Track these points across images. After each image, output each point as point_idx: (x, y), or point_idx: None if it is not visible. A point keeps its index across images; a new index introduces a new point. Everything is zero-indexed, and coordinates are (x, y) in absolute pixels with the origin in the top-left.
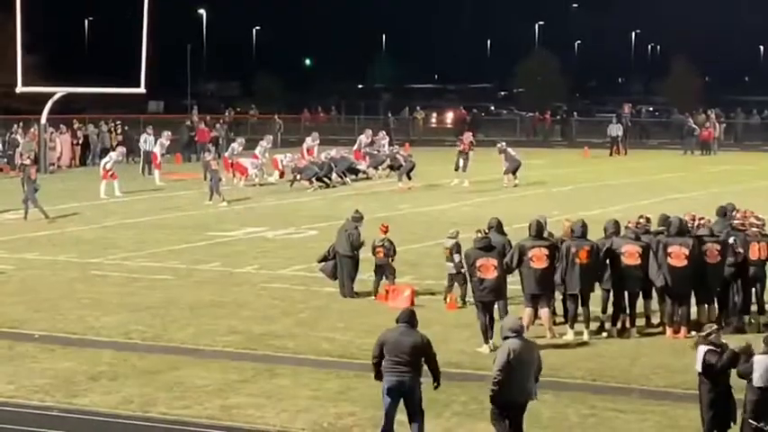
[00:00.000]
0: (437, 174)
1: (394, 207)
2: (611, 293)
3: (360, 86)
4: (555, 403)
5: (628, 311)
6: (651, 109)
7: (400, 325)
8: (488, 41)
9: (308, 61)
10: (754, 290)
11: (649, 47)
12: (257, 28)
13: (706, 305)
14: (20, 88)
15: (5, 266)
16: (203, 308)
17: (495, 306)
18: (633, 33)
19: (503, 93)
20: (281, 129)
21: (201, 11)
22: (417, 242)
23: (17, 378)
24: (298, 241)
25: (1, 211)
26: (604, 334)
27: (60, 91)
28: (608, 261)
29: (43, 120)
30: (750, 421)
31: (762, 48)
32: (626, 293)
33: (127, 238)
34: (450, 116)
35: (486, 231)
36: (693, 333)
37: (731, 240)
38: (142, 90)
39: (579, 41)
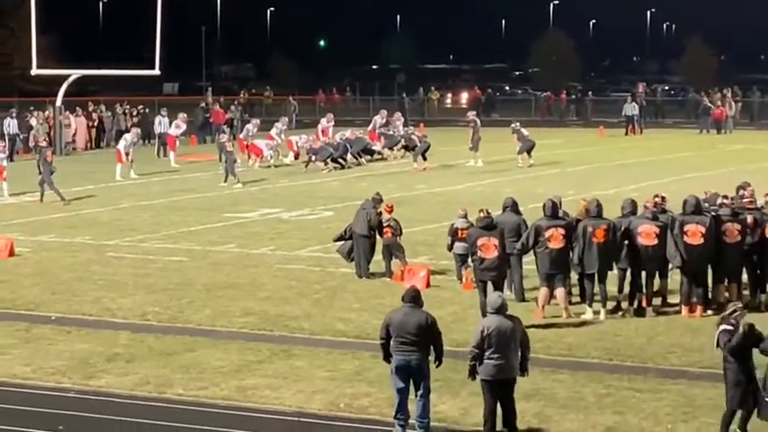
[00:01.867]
0: (452, 154)
1: (410, 187)
2: (628, 273)
3: (374, 67)
4: (571, 383)
5: (644, 291)
6: (666, 88)
7: (405, 305)
8: (503, 21)
9: (322, 42)
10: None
11: (664, 26)
12: (271, 9)
13: (724, 284)
14: (34, 71)
15: (22, 249)
16: (219, 289)
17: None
18: (648, 12)
19: (517, 72)
20: (295, 110)
21: None
22: (433, 222)
23: (34, 360)
24: (313, 222)
25: (17, 193)
26: (621, 313)
27: (75, 73)
28: (625, 241)
29: (58, 102)
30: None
31: None
32: (642, 273)
33: (142, 220)
34: (464, 96)
35: (489, 211)
36: (709, 312)
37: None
38: (157, 72)
39: (594, 21)
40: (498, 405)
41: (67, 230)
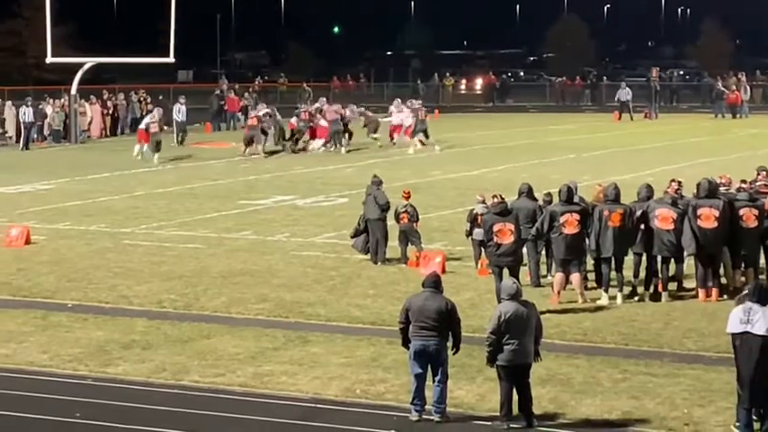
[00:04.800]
0: (467, 140)
1: (424, 173)
2: (644, 257)
3: (389, 53)
4: (588, 367)
5: (660, 275)
6: (681, 73)
7: (425, 290)
8: (517, 6)
9: (336, 29)
10: None
11: (679, 10)
12: None
13: (741, 270)
14: (49, 59)
15: (38, 237)
16: (235, 276)
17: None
18: None
19: (532, 58)
20: (310, 97)
21: None
22: (448, 208)
23: (51, 347)
24: (328, 209)
25: (33, 181)
26: (636, 298)
27: (90, 61)
28: (641, 225)
29: (73, 90)
30: None
31: None
32: (658, 258)
33: (158, 208)
34: (479, 82)
35: (502, 196)
36: (725, 297)
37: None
38: (171, 59)
39: (608, 5)
40: (514, 390)
41: (83, 218)
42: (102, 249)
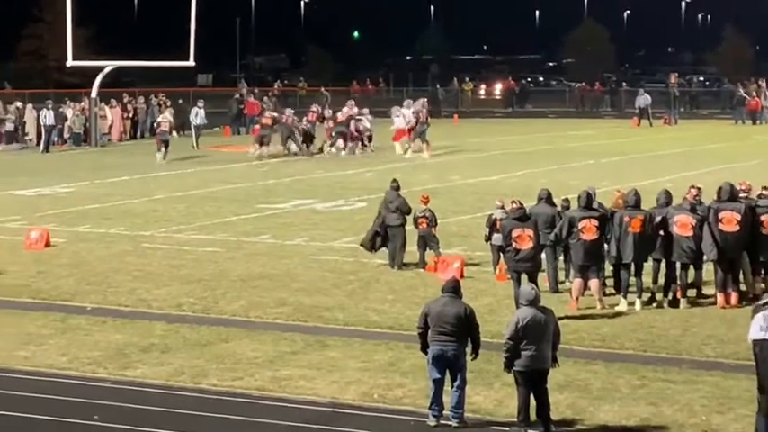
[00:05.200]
0: (486, 145)
1: (444, 178)
2: (663, 264)
3: (408, 58)
4: (606, 373)
5: (679, 282)
6: (701, 79)
7: (445, 295)
8: (537, 12)
9: (356, 33)
10: None
11: (699, 16)
12: (305, 0)
13: (760, 276)
14: (70, 62)
15: (58, 239)
16: (253, 280)
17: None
18: (683, 2)
19: (551, 63)
20: (328, 101)
21: None
22: (467, 213)
23: (70, 350)
24: (347, 213)
25: (53, 184)
26: (655, 304)
27: (110, 65)
28: (660, 231)
29: (93, 93)
30: None
31: None
32: (677, 264)
33: (177, 211)
34: (498, 87)
35: (521, 202)
36: (744, 303)
37: None
38: (191, 63)
39: (628, 11)
40: (532, 396)
41: (103, 221)
42: (121, 252)
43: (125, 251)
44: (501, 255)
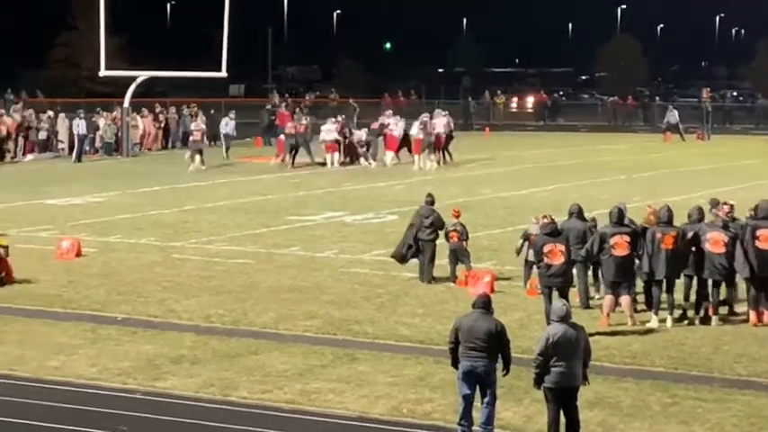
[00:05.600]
0: (517, 158)
1: (474, 192)
2: (695, 280)
3: (440, 70)
4: (637, 391)
5: (710, 299)
6: (735, 94)
7: (476, 310)
8: (569, 25)
9: (388, 44)
10: None
11: (733, 31)
12: (338, 11)
13: None
14: (103, 72)
15: (88, 249)
16: (283, 292)
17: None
18: (717, 17)
19: (584, 77)
20: (356, 112)
21: None
22: (498, 227)
23: (100, 361)
24: (377, 226)
25: (85, 194)
26: (686, 322)
27: (143, 75)
28: (692, 248)
29: (126, 103)
30: None
31: None
32: (709, 281)
33: (208, 222)
34: (530, 100)
35: (552, 217)
36: None
37: None
38: (223, 74)
39: (662, 25)
40: (562, 413)
41: (133, 231)
42: (151, 263)
43: (155, 262)
44: (532, 270)
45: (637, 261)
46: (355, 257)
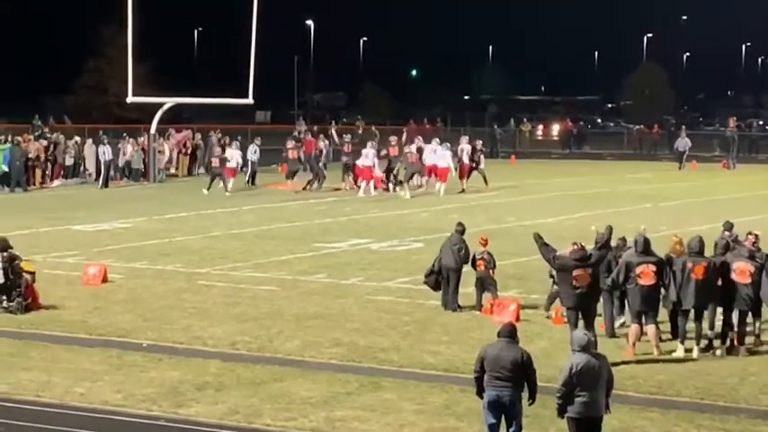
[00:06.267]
0: (543, 186)
1: (500, 220)
2: (721, 310)
3: (466, 97)
4: (662, 421)
5: (736, 329)
6: (761, 123)
7: (501, 339)
8: (596, 53)
9: (414, 71)
10: None
11: (760, 60)
12: (364, 39)
13: None
14: (130, 98)
15: (115, 275)
16: (309, 319)
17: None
18: (743, 46)
19: (609, 105)
20: (377, 138)
21: (309, 22)
22: (523, 255)
23: (125, 387)
24: (403, 254)
25: (111, 219)
26: (712, 351)
27: (169, 101)
28: (719, 277)
29: (153, 129)
30: None
31: None
32: (735, 311)
33: (234, 248)
34: (556, 128)
35: (583, 244)
36: None
37: None
38: (250, 101)
39: (688, 53)
40: None
41: (160, 258)
42: (177, 289)
43: (181, 288)
44: (557, 298)
45: (663, 290)
46: (381, 285)
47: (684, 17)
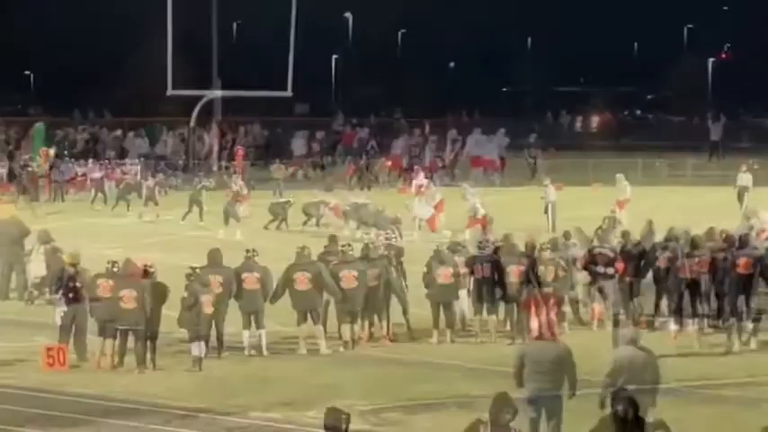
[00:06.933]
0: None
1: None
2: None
3: (504, 90)
4: (708, 414)
5: None
6: None
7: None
8: (635, 44)
9: (452, 64)
10: None
11: None
12: (402, 30)
13: None
14: (170, 91)
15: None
16: None
17: None
18: None
19: (649, 96)
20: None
21: (348, 14)
22: None
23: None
24: None
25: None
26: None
27: (209, 94)
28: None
29: (192, 122)
30: None
31: None
32: None
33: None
34: (595, 120)
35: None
36: None
37: None
38: (288, 93)
39: (728, 44)
40: None
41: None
42: None
43: None
44: (598, 293)
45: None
46: None
47: (725, 7)
